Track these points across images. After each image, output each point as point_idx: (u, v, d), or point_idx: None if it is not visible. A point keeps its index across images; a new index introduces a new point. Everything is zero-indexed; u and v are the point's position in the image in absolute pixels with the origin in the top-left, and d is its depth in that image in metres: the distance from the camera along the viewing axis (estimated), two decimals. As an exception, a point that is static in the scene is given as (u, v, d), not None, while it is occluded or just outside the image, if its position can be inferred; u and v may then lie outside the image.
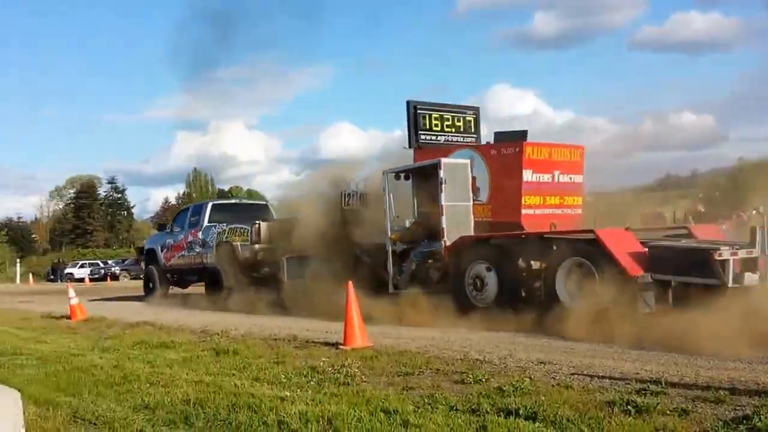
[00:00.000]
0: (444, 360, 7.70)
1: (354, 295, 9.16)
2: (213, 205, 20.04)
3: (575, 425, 4.90)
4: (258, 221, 17.26)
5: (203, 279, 19.73)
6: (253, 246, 16.94)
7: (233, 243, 17.57)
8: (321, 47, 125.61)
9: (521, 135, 12.45)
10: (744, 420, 4.85)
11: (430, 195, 12.61)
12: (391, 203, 13.10)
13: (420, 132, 13.61)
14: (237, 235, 17.57)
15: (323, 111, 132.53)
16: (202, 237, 18.91)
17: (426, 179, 12.76)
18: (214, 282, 18.51)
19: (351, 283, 9.38)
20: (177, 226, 20.70)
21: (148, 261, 22.17)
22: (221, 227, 18.37)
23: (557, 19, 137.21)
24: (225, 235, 18.01)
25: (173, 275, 20.97)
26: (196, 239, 19.17)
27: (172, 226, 21.14)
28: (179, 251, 19.99)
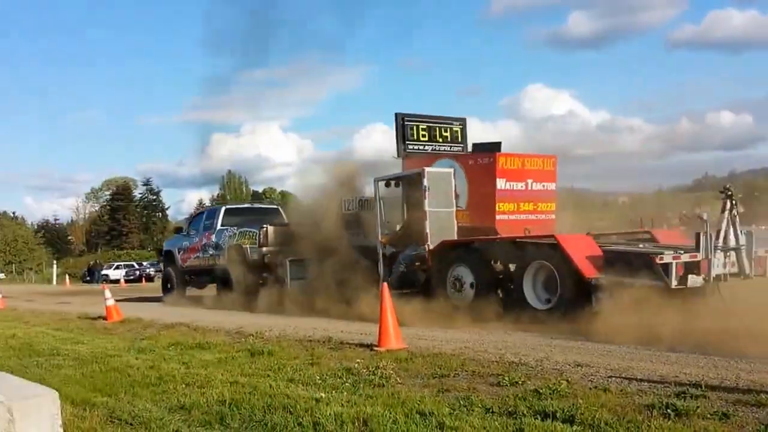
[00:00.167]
0: (479, 362, 7.65)
1: (389, 297, 9.12)
2: (226, 210, 20.81)
3: (613, 429, 4.84)
4: (265, 225, 17.80)
5: (216, 280, 20.28)
6: (261, 249, 17.51)
7: (243, 246, 18.22)
8: (356, 48, 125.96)
9: (496, 146, 13.55)
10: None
11: (416, 201, 13.38)
12: (382, 209, 14.01)
13: (407, 142, 14.66)
14: (246, 238, 18.21)
15: (357, 112, 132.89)
16: (215, 240, 19.61)
17: (412, 187, 13.58)
18: (225, 283, 19.06)
19: (386, 285, 9.37)
20: (193, 229, 21.40)
21: (166, 262, 23.02)
22: (233, 231, 18.99)
23: (593, 19, 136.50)
24: (236, 238, 18.65)
25: (189, 276, 21.50)
26: (209, 242, 19.85)
27: (188, 229, 21.85)
28: (194, 253, 20.70)
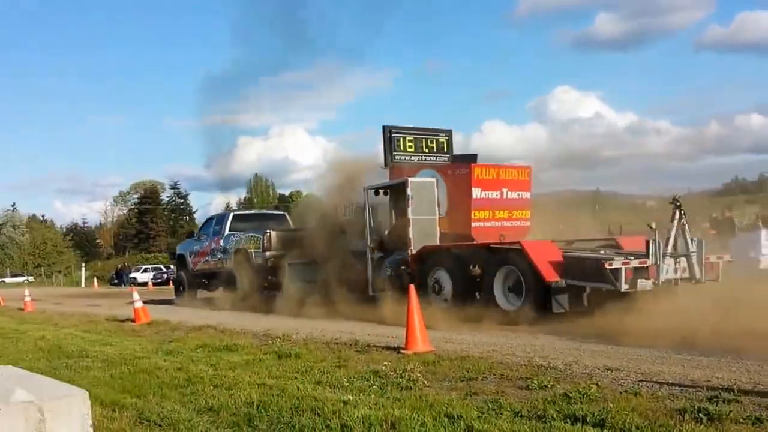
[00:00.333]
0: (507, 365, 7.60)
1: (416, 300, 9.09)
2: (234, 215, 21.79)
3: (645, 433, 4.78)
4: (269, 230, 18.51)
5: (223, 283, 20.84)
6: (264, 253, 18.20)
7: (248, 250, 18.90)
8: (382, 51, 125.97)
9: (472, 158, 14.62)
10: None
11: (401, 209, 14.28)
12: (371, 215, 14.86)
13: (395, 152, 15.39)
14: (252, 243, 18.87)
15: (384, 115, 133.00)
16: (223, 244, 20.29)
17: (398, 195, 14.43)
18: (231, 285, 19.62)
19: (413, 287, 9.33)
20: (203, 233, 22.20)
21: (178, 266, 23.91)
22: (239, 236, 19.69)
23: (620, 21, 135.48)
24: (242, 243, 19.34)
25: (200, 279, 22.15)
26: (218, 246, 20.54)
27: (199, 234, 22.69)
28: (204, 257, 21.44)
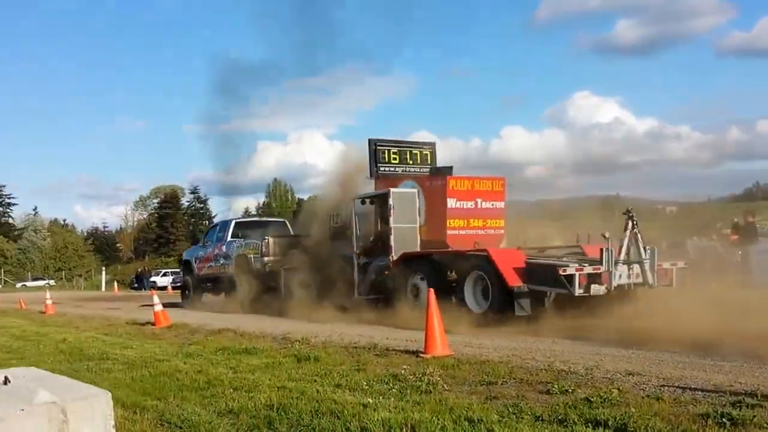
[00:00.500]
0: (528, 370, 7.55)
1: (435, 304, 9.06)
2: (236, 223, 22.66)
3: (668, 438, 4.74)
4: (267, 237, 19.29)
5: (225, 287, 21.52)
6: (263, 258, 19.03)
7: (248, 255, 19.78)
8: (401, 57, 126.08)
9: (448, 170, 15.23)
10: None
11: (385, 217, 15.03)
12: (357, 223, 15.67)
13: (379, 164, 16.16)
14: (251, 249, 19.78)
15: (402, 120, 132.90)
16: (225, 250, 21.22)
17: (382, 204, 15.19)
18: (233, 289, 20.33)
19: (432, 291, 9.31)
20: (208, 240, 23.16)
21: (185, 271, 24.91)
22: (240, 242, 20.69)
23: (640, 26, 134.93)
24: (242, 249, 20.24)
25: (204, 283, 22.77)
26: (221, 252, 21.49)
27: (204, 240, 23.67)
28: (208, 262, 22.37)
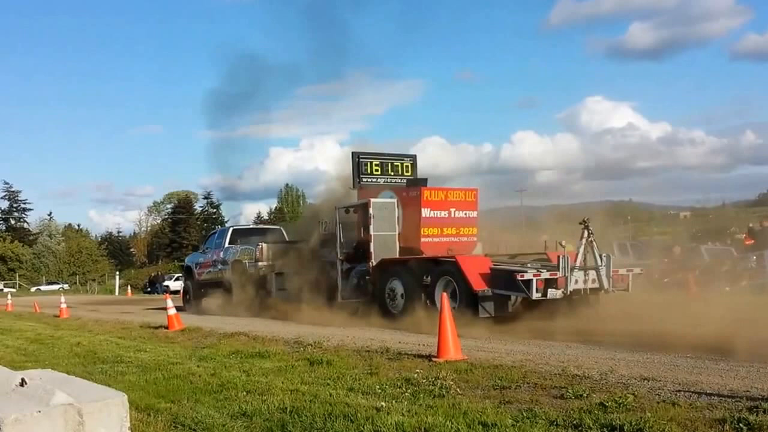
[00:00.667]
0: (541, 374, 7.52)
1: (448, 308, 9.03)
2: (233, 230, 23.27)
3: (684, 443, 4.70)
4: (261, 243, 19.95)
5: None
6: (256, 263, 19.70)
7: (243, 261, 20.40)
8: (412, 61, 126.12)
9: (423, 182, 16.30)
10: None
11: (366, 226, 15.75)
12: (341, 231, 16.44)
13: (362, 175, 16.98)
14: (247, 255, 20.38)
15: (414, 125, 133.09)
16: (223, 256, 21.74)
17: (364, 213, 15.92)
18: (230, 293, 20.79)
19: (445, 295, 9.29)
20: (207, 246, 23.70)
21: (186, 276, 25.64)
22: (237, 248, 21.20)
23: (653, 29, 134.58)
24: (239, 255, 20.80)
25: (204, 288, 23.27)
26: (219, 258, 22.00)
27: (204, 246, 24.14)
28: (207, 268, 22.90)
